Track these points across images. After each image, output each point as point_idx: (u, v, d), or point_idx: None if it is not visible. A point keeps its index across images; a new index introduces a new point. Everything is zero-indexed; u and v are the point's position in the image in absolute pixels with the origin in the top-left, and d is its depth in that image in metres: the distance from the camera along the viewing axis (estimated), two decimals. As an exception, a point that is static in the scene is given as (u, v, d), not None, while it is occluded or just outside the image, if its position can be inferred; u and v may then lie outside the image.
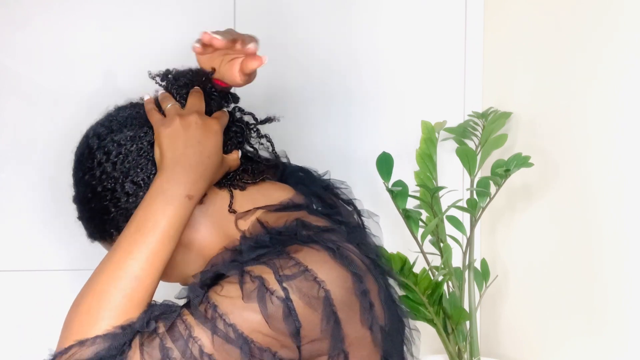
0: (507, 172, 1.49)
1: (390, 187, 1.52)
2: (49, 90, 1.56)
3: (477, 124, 1.63)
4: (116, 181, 1.10)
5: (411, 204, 1.54)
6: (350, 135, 1.69)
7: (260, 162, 1.20)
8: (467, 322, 1.57)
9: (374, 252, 1.14)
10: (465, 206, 1.55)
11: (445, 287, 1.54)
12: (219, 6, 1.62)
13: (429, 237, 1.56)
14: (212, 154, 1.08)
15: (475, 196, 1.54)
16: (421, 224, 1.54)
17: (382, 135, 1.70)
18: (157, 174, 1.07)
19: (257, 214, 1.12)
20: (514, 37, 1.66)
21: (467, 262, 1.58)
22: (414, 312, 1.51)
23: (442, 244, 1.58)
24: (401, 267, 1.47)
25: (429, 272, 1.52)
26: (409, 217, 1.52)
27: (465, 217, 1.61)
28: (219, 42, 1.11)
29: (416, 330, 1.17)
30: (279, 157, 1.27)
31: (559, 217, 1.53)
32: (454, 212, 1.55)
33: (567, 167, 1.50)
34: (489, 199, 1.53)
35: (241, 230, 1.11)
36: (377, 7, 1.69)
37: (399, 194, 1.51)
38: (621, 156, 1.36)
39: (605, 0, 1.39)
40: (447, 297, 1.55)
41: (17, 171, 1.56)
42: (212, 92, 1.15)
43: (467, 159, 1.57)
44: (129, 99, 1.18)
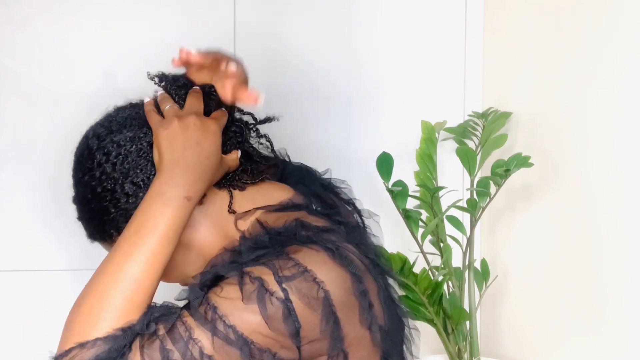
0: (507, 172, 1.49)
1: (390, 187, 1.52)
2: (49, 90, 1.56)
3: (477, 124, 1.63)
4: (116, 182, 1.10)
5: (411, 204, 1.54)
6: (350, 135, 1.69)
7: (259, 162, 1.20)
8: (467, 322, 1.57)
9: (374, 252, 1.14)
10: (465, 206, 1.55)
11: (445, 287, 1.54)
12: (218, 6, 1.62)
13: (429, 237, 1.56)
14: (210, 155, 1.08)
15: (475, 196, 1.54)
16: (421, 224, 1.54)
17: (382, 135, 1.70)
18: (155, 175, 1.07)
19: (256, 214, 1.12)
20: (514, 37, 1.66)
21: (467, 262, 1.58)
22: (414, 312, 1.51)
23: (442, 244, 1.58)
24: (401, 267, 1.47)
25: (429, 272, 1.52)
26: (409, 217, 1.52)
27: (465, 217, 1.61)
28: (195, 57, 1.13)
29: (416, 329, 1.17)
30: (278, 157, 1.27)
31: (559, 217, 1.53)
32: (454, 212, 1.55)
33: (567, 167, 1.50)
34: (489, 199, 1.53)
35: (241, 230, 1.11)
36: (377, 7, 1.69)
37: (399, 194, 1.51)
38: (621, 156, 1.36)
39: (605, 0, 1.39)
40: (447, 297, 1.55)
41: (17, 171, 1.56)
42: (211, 92, 1.15)
43: (467, 159, 1.57)
44: (128, 99, 1.18)
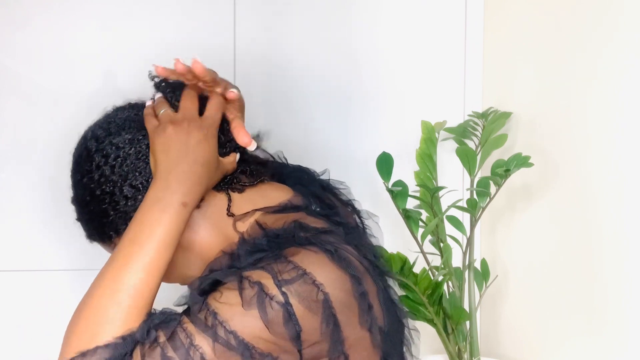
0: (507, 172, 1.49)
1: (390, 187, 1.52)
2: (49, 90, 1.56)
3: (477, 124, 1.63)
4: (115, 184, 1.09)
5: (411, 204, 1.54)
6: (350, 135, 1.69)
7: (257, 163, 1.19)
8: (467, 322, 1.57)
9: (373, 252, 1.14)
10: (465, 206, 1.55)
11: (445, 287, 1.54)
12: (218, 6, 1.62)
13: (429, 237, 1.56)
14: (206, 160, 1.07)
15: (475, 196, 1.54)
16: (421, 224, 1.54)
17: (382, 135, 1.70)
18: (152, 182, 1.07)
19: (255, 216, 1.11)
20: (514, 37, 1.66)
21: (467, 262, 1.58)
22: (414, 312, 1.51)
23: (442, 244, 1.58)
24: (401, 267, 1.47)
25: (429, 272, 1.52)
26: (409, 217, 1.52)
27: (465, 217, 1.61)
28: (200, 67, 1.12)
29: (415, 330, 1.17)
30: (275, 160, 1.27)
31: (559, 217, 1.53)
32: (454, 212, 1.55)
33: (567, 167, 1.50)
34: (489, 199, 1.53)
35: (240, 232, 1.10)
36: (377, 7, 1.69)
37: (399, 194, 1.51)
38: (621, 156, 1.36)
39: (605, 0, 1.39)
40: (447, 297, 1.55)
41: (17, 171, 1.56)
42: (204, 95, 1.14)
43: (467, 159, 1.57)
44: (127, 99, 1.17)
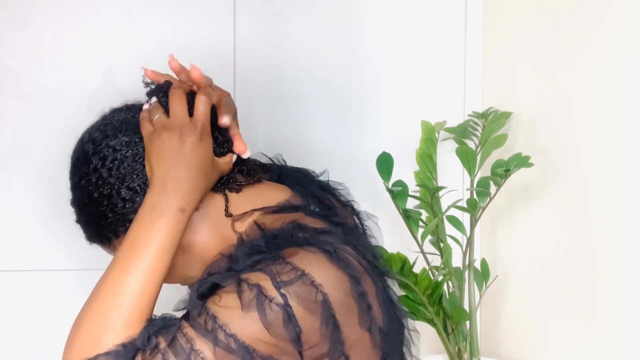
0: (507, 172, 1.49)
1: (390, 187, 1.52)
2: (49, 90, 1.56)
3: (477, 124, 1.63)
4: (112, 187, 1.09)
5: (411, 204, 1.54)
6: (350, 135, 1.69)
7: (253, 162, 1.19)
8: (467, 322, 1.57)
9: (372, 253, 1.13)
10: (465, 206, 1.55)
11: (445, 287, 1.54)
12: (218, 6, 1.62)
13: (429, 237, 1.56)
14: (201, 164, 1.06)
15: (475, 196, 1.54)
16: (421, 224, 1.54)
17: (382, 135, 1.70)
18: (149, 188, 1.06)
19: (254, 216, 1.11)
20: (514, 37, 1.66)
21: (467, 262, 1.58)
22: (414, 312, 1.51)
23: (442, 244, 1.58)
24: (401, 267, 1.47)
25: (429, 272, 1.52)
26: (409, 217, 1.52)
27: (465, 217, 1.61)
28: (197, 73, 1.12)
29: (415, 331, 1.17)
30: (273, 160, 1.27)
31: (559, 217, 1.53)
32: (454, 212, 1.55)
33: (567, 167, 1.50)
34: (489, 199, 1.53)
35: (238, 232, 1.10)
36: (377, 7, 1.69)
37: (399, 194, 1.51)
38: (621, 156, 1.36)
39: (605, 0, 1.39)
40: (447, 297, 1.55)
41: (17, 171, 1.56)
42: (193, 91, 1.13)
43: (467, 159, 1.57)
44: (125, 100, 1.17)
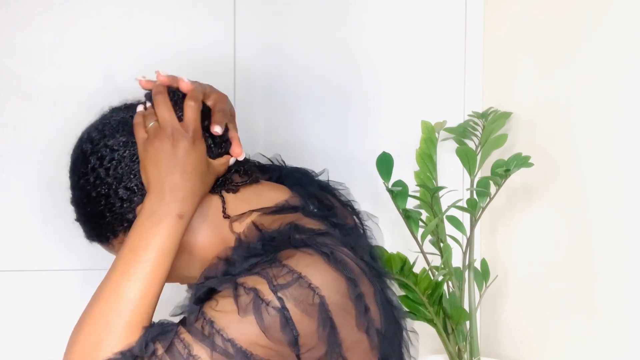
0: (507, 172, 1.49)
1: (390, 187, 1.52)
2: (49, 90, 1.56)
3: (477, 124, 1.63)
4: (110, 187, 1.09)
5: (411, 204, 1.54)
6: (350, 135, 1.69)
7: (252, 162, 1.19)
8: (467, 322, 1.57)
9: (370, 254, 1.13)
10: (465, 206, 1.55)
11: (445, 287, 1.54)
12: (218, 6, 1.62)
13: (429, 237, 1.56)
14: (196, 167, 1.06)
15: (475, 196, 1.54)
16: (421, 224, 1.54)
17: (382, 135, 1.70)
18: (146, 195, 1.06)
19: (252, 217, 1.11)
20: (514, 37, 1.65)
21: (467, 262, 1.58)
22: (414, 312, 1.51)
23: (442, 244, 1.58)
24: (401, 267, 1.47)
25: (429, 272, 1.52)
26: (409, 217, 1.52)
27: (465, 217, 1.61)
28: (186, 85, 1.11)
29: (413, 332, 1.17)
30: (272, 161, 1.27)
31: (559, 217, 1.53)
32: (454, 212, 1.55)
33: (567, 167, 1.50)
34: (489, 199, 1.53)
35: (236, 232, 1.10)
36: (377, 7, 1.69)
37: (399, 194, 1.51)
38: (621, 156, 1.36)
39: (605, 0, 1.39)
40: (447, 297, 1.55)
41: (17, 171, 1.55)
42: (178, 95, 1.12)
43: (467, 159, 1.57)
44: (124, 100, 1.17)
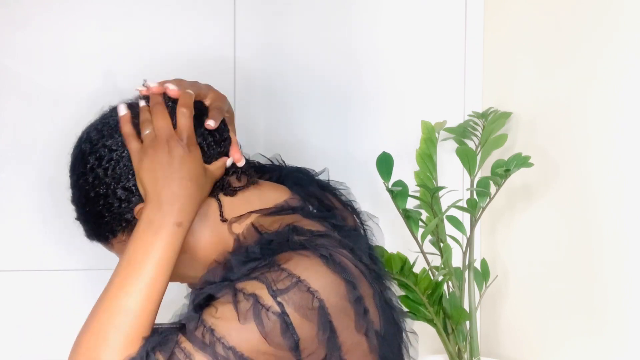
0: (507, 172, 1.49)
1: (390, 187, 1.52)
2: (49, 90, 1.56)
3: (477, 124, 1.63)
4: (108, 187, 1.09)
5: (411, 204, 1.54)
6: (350, 135, 1.69)
7: (252, 163, 1.18)
8: (467, 322, 1.57)
9: (370, 255, 1.13)
10: (465, 206, 1.55)
11: (445, 287, 1.54)
12: (218, 6, 1.62)
13: (429, 237, 1.56)
14: (193, 174, 1.05)
15: (475, 196, 1.54)
16: (421, 224, 1.54)
17: (382, 135, 1.70)
18: (144, 204, 1.05)
19: (251, 218, 1.10)
20: (514, 37, 1.66)
21: (467, 262, 1.58)
22: (414, 312, 1.51)
23: (442, 244, 1.58)
24: (401, 267, 1.47)
25: (429, 272, 1.52)
26: (409, 217, 1.52)
27: (465, 217, 1.61)
28: (173, 92, 1.11)
29: (413, 333, 1.16)
30: (272, 161, 1.26)
31: (559, 217, 1.53)
32: (454, 212, 1.55)
33: (567, 167, 1.50)
34: (489, 199, 1.53)
35: (235, 234, 1.09)
36: (377, 7, 1.69)
37: (399, 194, 1.51)
38: (621, 156, 1.36)
39: (605, 0, 1.39)
40: (447, 297, 1.55)
41: (17, 171, 1.56)
42: (168, 101, 1.11)
43: (467, 159, 1.57)
44: (123, 99, 1.17)
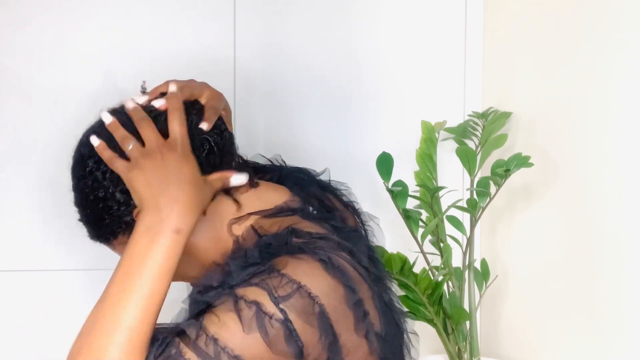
0: (507, 172, 1.49)
1: (390, 187, 1.52)
2: (49, 90, 1.56)
3: (477, 124, 1.63)
4: (106, 190, 1.08)
5: (411, 204, 1.54)
6: (350, 135, 1.69)
7: (247, 163, 1.18)
8: (467, 322, 1.57)
9: (370, 256, 1.12)
10: (465, 206, 1.55)
11: (445, 287, 1.54)
12: (218, 6, 1.62)
13: (429, 237, 1.56)
14: (192, 177, 1.03)
15: (475, 196, 1.54)
16: (421, 224, 1.54)
17: (382, 135, 1.70)
18: (140, 213, 1.02)
19: (251, 220, 1.10)
20: (514, 37, 1.66)
21: (467, 262, 1.58)
22: (414, 312, 1.51)
23: (442, 244, 1.58)
24: (401, 267, 1.47)
25: (429, 272, 1.52)
26: (409, 217, 1.52)
27: (465, 217, 1.61)
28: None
29: (414, 333, 1.16)
30: (272, 161, 1.26)
31: (559, 217, 1.53)
32: (454, 212, 1.55)
33: (567, 167, 1.50)
34: (489, 199, 1.53)
35: (235, 235, 1.09)
36: (377, 7, 1.69)
37: (399, 194, 1.51)
38: (621, 156, 1.36)
39: (605, 0, 1.39)
40: (447, 297, 1.55)
41: (17, 171, 1.56)
42: (151, 109, 1.10)
43: (467, 159, 1.57)
44: (122, 100, 1.16)
